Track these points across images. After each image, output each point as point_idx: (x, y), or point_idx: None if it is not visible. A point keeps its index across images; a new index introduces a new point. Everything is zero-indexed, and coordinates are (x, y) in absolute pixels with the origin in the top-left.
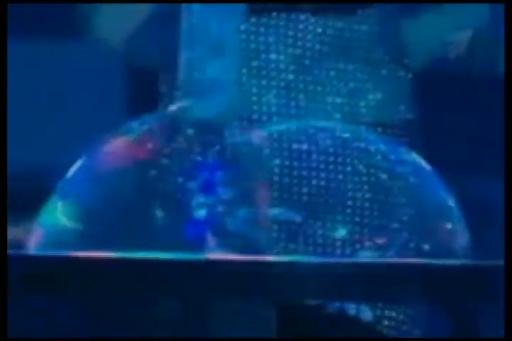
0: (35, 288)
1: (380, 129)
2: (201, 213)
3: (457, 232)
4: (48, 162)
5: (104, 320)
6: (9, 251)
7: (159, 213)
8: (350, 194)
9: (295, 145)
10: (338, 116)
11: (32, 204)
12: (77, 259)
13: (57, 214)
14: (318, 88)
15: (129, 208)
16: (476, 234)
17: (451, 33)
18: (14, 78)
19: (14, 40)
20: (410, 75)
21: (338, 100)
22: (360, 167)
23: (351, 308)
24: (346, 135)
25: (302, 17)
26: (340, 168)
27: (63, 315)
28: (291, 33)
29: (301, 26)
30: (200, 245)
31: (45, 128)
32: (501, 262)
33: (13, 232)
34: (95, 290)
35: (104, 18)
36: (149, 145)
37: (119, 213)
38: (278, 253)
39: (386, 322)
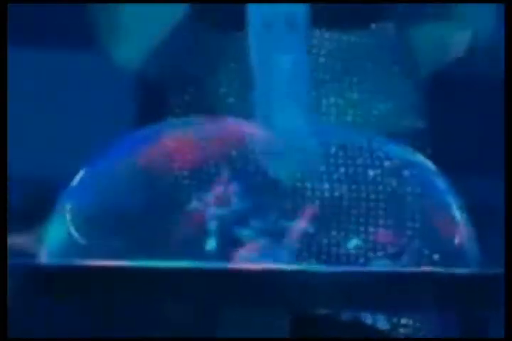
0: (47, 298)
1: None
2: (215, 224)
3: (467, 240)
4: (55, 174)
5: (116, 328)
6: (22, 260)
7: (173, 223)
8: (362, 203)
9: (307, 156)
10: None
11: (39, 214)
12: (87, 269)
13: (66, 226)
14: (331, 99)
15: (140, 218)
16: (482, 240)
17: (459, 43)
18: (17, 87)
19: (21, 49)
20: (419, 85)
21: (350, 111)
22: (371, 175)
23: (366, 317)
24: (358, 144)
25: (317, 32)
26: (351, 176)
27: (80, 325)
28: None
29: (315, 41)
30: (214, 256)
31: (51, 138)
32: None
33: (25, 240)
34: (108, 299)
35: (116, 28)
36: (161, 156)
37: (131, 223)
38: (291, 263)
39: (402, 330)
